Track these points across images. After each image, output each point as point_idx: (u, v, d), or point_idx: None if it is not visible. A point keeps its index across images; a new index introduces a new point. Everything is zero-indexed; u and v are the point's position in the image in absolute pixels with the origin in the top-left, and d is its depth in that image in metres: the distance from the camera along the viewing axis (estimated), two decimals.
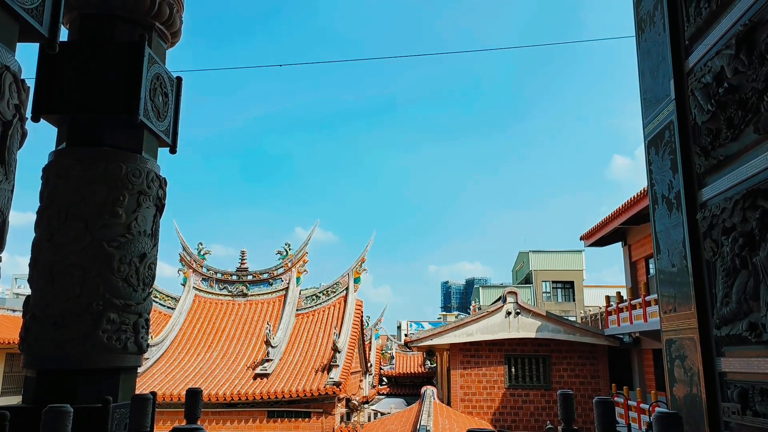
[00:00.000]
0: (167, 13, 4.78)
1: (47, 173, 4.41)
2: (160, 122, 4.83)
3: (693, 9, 3.94)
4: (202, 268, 26.89)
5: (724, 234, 3.56)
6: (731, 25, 3.48)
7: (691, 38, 3.99)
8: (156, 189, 4.69)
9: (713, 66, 3.67)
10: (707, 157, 3.77)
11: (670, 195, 4.21)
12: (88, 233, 4.28)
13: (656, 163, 4.47)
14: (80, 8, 4.66)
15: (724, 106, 3.56)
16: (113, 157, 4.44)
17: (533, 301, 46.00)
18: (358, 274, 26.62)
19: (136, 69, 4.47)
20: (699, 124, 3.85)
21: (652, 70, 4.54)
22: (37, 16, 3.30)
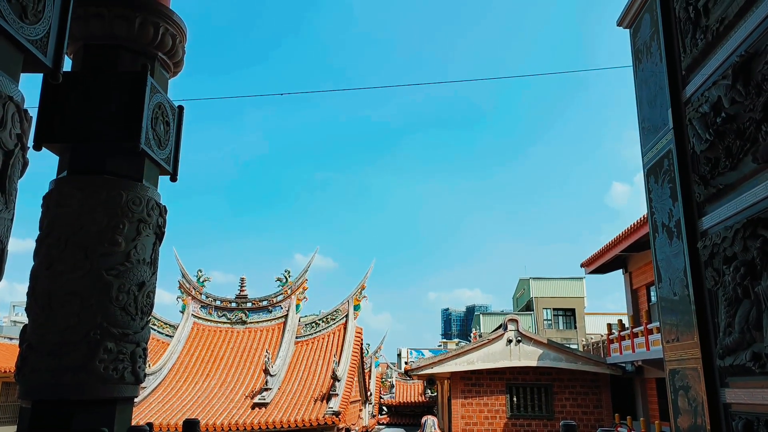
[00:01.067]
0: (170, 44, 4.84)
1: (47, 201, 4.41)
2: (162, 150, 4.85)
3: (689, 40, 3.99)
4: (201, 296, 26.75)
5: (725, 263, 3.54)
6: (727, 56, 3.52)
7: (687, 68, 4.04)
8: (156, 217, 4.69)
9: (710, 96, 3.70)
10: (706, 185, 3.78)
11: (670, 223, 4.21)
12: (87, 261, 4.26)
13: (656, 192, 4.48)
14: (84, 39, 4.72)
15: (722, 135, 3.58)
16: (114, 185, 4.45)
17: (534, 329, 45.66)
18: (358, 301, 26.46)
19: (139, 98, 4.51)
20: (698, 152, 3.87)
21: (650, 100, 4.58)
22: (42, 47, 3.34)
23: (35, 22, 3.27)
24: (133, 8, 4.62)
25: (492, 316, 56.87)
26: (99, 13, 4.61)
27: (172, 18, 4.84)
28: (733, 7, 3.44)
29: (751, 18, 3.27)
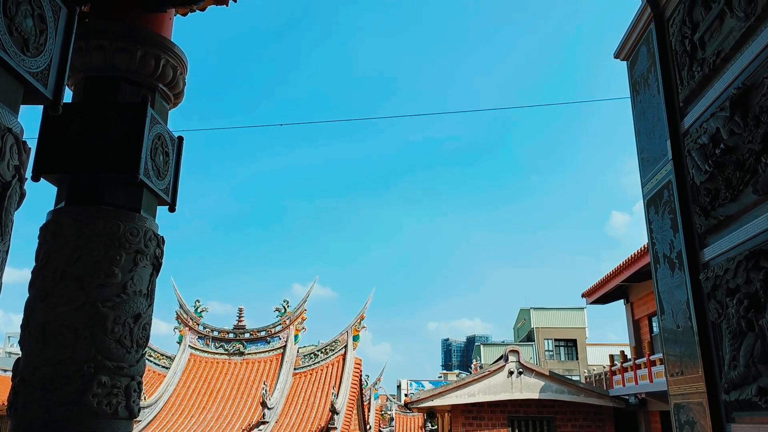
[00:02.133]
0: (171, 75, 4.88)
1: (44, 232, 4.39)
2: (160, 181, 4.85)
3: (686, 72, 4.02)
4: (199, 326, 26.52)
5: (728, 295, 3.51)
6: (725, 88, 3.54)
7: (685, 100, 4.06)
8: (153, 248, 4.66)
9: (709, 127, 3.71)
10: (707, 216, 3.76)
11: (671, 254, 4.18)
12: (82, 293, 4.21)
13: (656, 222, 4.46)
14: (85, 71, 4.76)
15: (721, 166, 3.58)
16: (112, 215, 4.43)
17: (536, 360, 45.18)
18: (357, 331, 26.22)
19: (138, 129, 4.53)
20: (697, 184, 3.86)
21: (648, 131, 4.60)
22: (42, 79, 3.35)
23: (37, 54, 3.29)
24: (135, 41, 4.67)
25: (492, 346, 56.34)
26: (101, 46, 4.65)
27: (173, 50, 4.88)
28: (729, 40, 3.47)
29: (748, 51, 3.30)
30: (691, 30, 3.95)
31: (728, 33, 3.49)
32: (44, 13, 3.36)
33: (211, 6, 6.19)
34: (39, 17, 3.32)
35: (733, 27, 3.43)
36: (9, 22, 3.06)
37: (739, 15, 3.34)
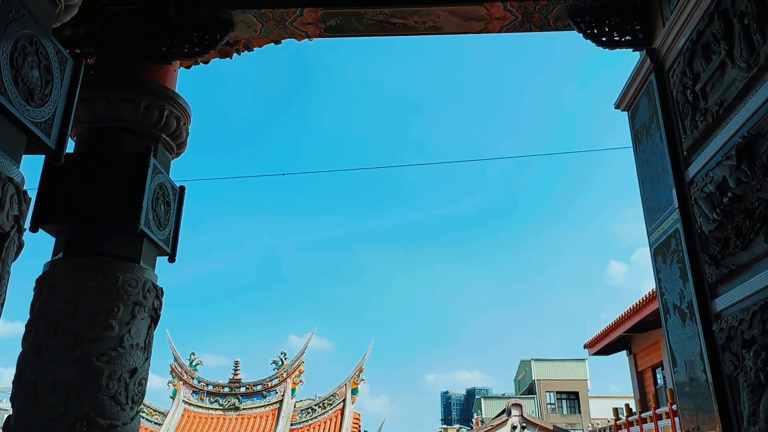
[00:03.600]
0: (174, 126, 4.89)
1: (40, 284, 4.29)
2: (161, 231, 4.79)
3: (689, 122, 4.04)
4: (193, 380, 25.90)
5: (744, 347, 3.40)
6: (729, 136, 3.54)
7: (689, 149, 4.06)
8: (152, 300, 4.55)
9: (715, 176, 3.69)
10: (718, 266, 3.70)
11: (682, 305, 4.09)
12: (77, 347, 4.08)
13: (664, 272, 4.39)
14: (89, 122, 4.76)
15: (730, 215, 3.54)
16: (110, 266, 4.34)
17: (537, 413, 44.10)
18: (356, 384, 25.62)
19: (140, 179, 4.50)
20: (706, 232, 3.82)
21: (653, 180, 4.59)
22: (46, 129, 3.33)
23: (41, 105, 3.29)
24: (140, 92, 4.69)
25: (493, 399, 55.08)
26: (105, 97, 4.67)
27: (177, 101, 4.91)
28: (732, 90, 3.49)
29: (752, 100, 3.31)
30: (692, 81, 3.99)
31: (730, 83, 3.52)
32: (50, 64, 3.38)
33: (214, 59, 6.29)
34: (45, 68, 3.34)
35: (735, 77, 3.45)
36: (15, 73, 3.07)
37: (741, 66, 3.37)
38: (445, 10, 4.92)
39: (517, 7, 4.91)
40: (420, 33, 5.24)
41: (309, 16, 4.99)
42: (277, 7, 4.93)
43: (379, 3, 4.88)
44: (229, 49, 6.07)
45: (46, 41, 3.36)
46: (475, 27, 5.16)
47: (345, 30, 5.15)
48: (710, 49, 3.76)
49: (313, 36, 5.29)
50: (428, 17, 5.01)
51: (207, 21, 5.06)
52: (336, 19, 5.03)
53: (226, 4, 5.00)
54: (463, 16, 4.99)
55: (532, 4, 4.90)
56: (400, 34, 5.23)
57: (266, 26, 5.14)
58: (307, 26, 5.10)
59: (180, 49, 5.08)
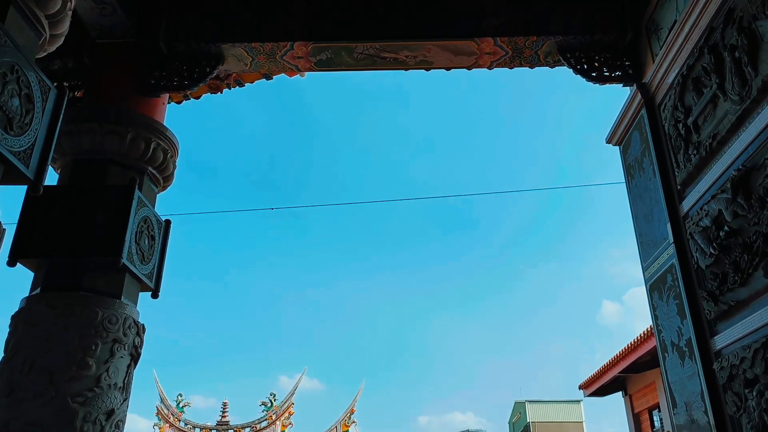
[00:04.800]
0: (161, 158, 4.81)
1: (15, 321, 4.12)
2: (144, 266, 4.65)
3: (682, 156, 4.00)
4: (180, 422, 25.19)
5: (746, 386, 3.28)
6: (724, 170, 3.49)
7: (683, 183, 4.01)
8: (132, 337, 4.38)
9: (710, 210, 3.62)
10: (716, 302, 3.60)
11: (680, 342, 3.97)
12: (51, 387, 3.89)
13: (661, 308, 4.28)
14: (74, 154, 4.67)
15: (727, 249, 3.46)
16: (89, 302, 4.19)
17: None
18: (347, 426, 25.00)
19: (124, 212, 4.39)
20: (702, 268, 3.73)
21: (646, 214, 4.52)
22: (24, 159, 3.24)
23: (20, 134, 3.20)
24: (126, 124, 4.63)
25: None
26: (91, 129, 4.60)
27: (164, 134, 4.84)
28: (724, 123, 3.46)
29: (746, 133, 3.27)
30: (684, 114, 3.96)
31: (723, 116, 3.49)
32: (32, 93, 3.31)
33: (205, 94, 6.27)
34: (26, 97, 3.26)
35: (728, 110, 3.42)
36: None
37: (733, 98, 3.35)
38: (435, 44, 4.93)
39: (507, 43, 4.93)
40: (410, 67, 5.24)
41: (299, 50, 4.98)
42: (267, 41, 4.92)
43: (370, 37, 4.89)
44: (220, 83, 6.05)
45: (28, 70, 3.30)
46: (466, 62, 5.17)
47: (335, 64, 5.14)
48: (701, 83, 3.74)
49: (304, 70, 5.27)
50: (419, 52, 5.01)
51: (197, 54, 5.03)
52: (326, 53, 5.02)
53: (217, 37, 4.99)
54: (453, 51, 5.00)
55: (522, 40, 4.92)
56: (390, 69, 5.23)
57: (256, 60, 5.12)
58: (297, 60, 5.09)
59: (169, 82, 5.04)
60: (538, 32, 4.88)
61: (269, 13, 4.98)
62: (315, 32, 4.92)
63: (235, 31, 4.98)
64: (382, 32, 4.91)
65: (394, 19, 4.91)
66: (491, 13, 4.89)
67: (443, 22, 4.89)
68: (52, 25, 3.62)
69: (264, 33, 4.95)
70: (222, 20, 5.03)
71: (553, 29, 4.88)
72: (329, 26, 4.94)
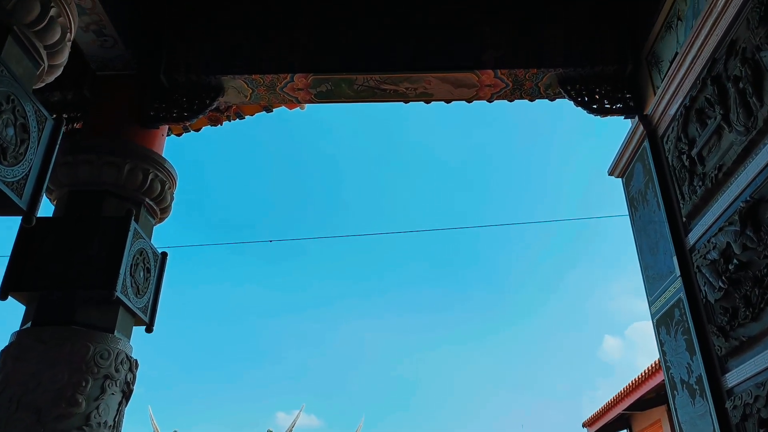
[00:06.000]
0: (158, 190, 4.76)
1: (5, 356, 4.00)
2: (139, 299, 4.55)
3: (687, 187, 3.94)
4: None
5: (761, 426, 3.14)
6: (731, 201, 3.42)
7: (688, 215, 3.94)
8: (125, 373, 4.25)
9: (718, 242, 3.54)
10: (727, 338, 3.49)
11: (690, 380, 3.84)
12: (39, 425, 3.75)
13: (669, 344, 4.16)
14: (70, 185, 4.62)
15: (737, 283, 3.37)
16: (81, 336, 4.08)
17: None
18: None
19: (119, 244, 4.31)
20: (712, 302, 3.63)
21: (651, 247, 4.44)
22: (18, 189, 3.18)
23: (14, 164, 3.15)
24: (124, 155, 4.59)
25: None
26: (88, 160, 4.55)
27: (163, 165, 4.80)
28: (730, 154, 3.41)
29: (752, 164, 3.21)
30: (687, 146, 3.92)
31: (728, 147, 3.43)
32: (27, 123, 3.27)
33: (205, 126, 6.26)
34: (21, 127, 3.22)
35: (733, 141, 3.37)
36: None
37: (738, 129, 3.30)
38: (435, 76, 4.93)
39: (507, 75, 4.93)
40: (411, 99, 5.23)
41: (299, 82, 4.97)
42: (267, 73, 4.92)
43: (370, 69, 4.89)
44: (220, 115, 6.05)
45: (24, 100, 3.27)
46: (466, 94, 5.16)
47: (336, 96, 5.13)
48: (705, 114, 3.71)
49: (304, 102, 5.26)
50: (419, 84, 5.01)
51: (197, 86, 5.03)
52: (326, 85, 5.02)
53: (217, 69, 4.99)
54: (453, 83, 4.99)
55: (523, 72, 4.92)
56: (390, 101, 5.21)
57: (257, 92, 5.11)
58: (297, 92, 5.08)
59: (168, 114, 5.02)
60: (538, 64, 4.88)
61: (270, 46, 4.99)
62: (315, 64, 4.93)
63: (236, 63, 4.98)
64: (383, 64, 4.91)
65: (395, 52, 4.92)
66: (491, 45, 4.91)
67: (443, 54, 4.90)
68: (51, 56, 3.60)
69: (264, 65, 4.95)
70: (222, 52, 5.04)
71: (554, 61, 4.88)
72: (329, 58, 4.95)
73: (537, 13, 5.03)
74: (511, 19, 5.02)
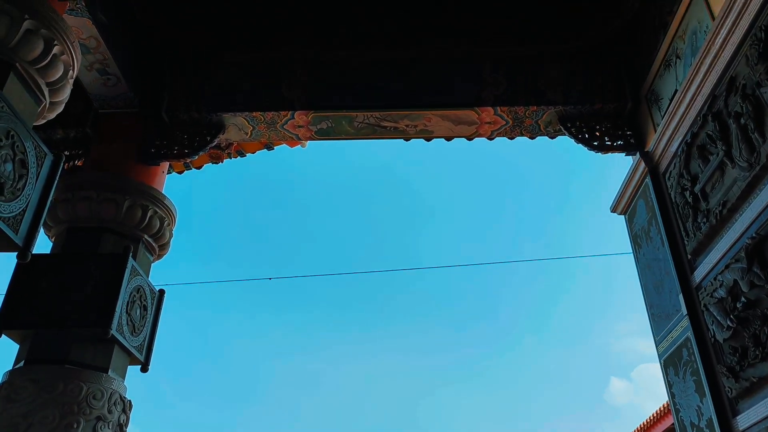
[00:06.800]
0: (157, 226, 4.72)
1: None
2: (134, 337, 4.46)
3: (691, 224, 3.89)
4: None
5: None
6: (737, 238, 3.37)
7: (693, 252, 3.88)
8: (118, 414, 4.14)
9: (725, 280, 3.48)
10: (737, 378, 3.38)
11: (700, 423, 3.72)
12: None
13: (677, 386, 4.05)
14: (69, 222, 4.59)
15: (745, 321, 3.29)
16: (74, 376, 3.98)
17: None
18: None
19: (116, 281, 4.25)
20: (720, 341, 3.54)
21: (657, 285, 4.36)
22: (14, 225, 3.15)
23: (11, 199, 3.12)
24: (123, 191, 4.57)
25: None
26: (87, 197, 4.54)
27: (162, 201, 4.78)
28: (734, 190, 3.37)
29: (757, 200, 3.17)
30: (690, 182, 3.89)
31: (732, 183, 3.40)
32: (26, 158, 3.25)
33: (206, 164, 6.27)
34: (20, 162, 3.21)
35: (737, 177, 3.34)
36: None
37: (741, 165, 3.27)
38: (436, 114, 4.95)
39: (507, 112, 4.94)
40: (411, 137, 5.24)
41: (300, 119, 4.99)
42: (268, 110, 4.94)
43: (371, 106, 4.91)
44: (221, 152, 6.06)
45: (24, 135, 3.26)
46: (466, 131, 5.17)
47: (336, 133, 5.15)
48: (707, 150, 3.69)
49: (305, 139, 5.27)
50: (419, 121, 5.02)
51: (198, 123, 5.05)
52: (327, 122, 5.04)
53: (218, 107, 5.02)
54: (454, 120, 5.01)
55: (522, 110, 4.94)
56: (391, 138, 5.23)
57: (257, 129, 5.13)
58: (298, 129, 5.10)
59: (169, 151, 5.03)
60: (538, 102, 4.90)
61: (270, 83, 5.03)
62: (316, 101, 4.96)
63: (237, 100, 5.02)
64: (383, 101, 4.94)
65: (395, 89, 4.95)
66: (491, 83, 4.94)
67: (443, 91, 4.93)
68: (53, 93, 3.62)
69: (265, 102, 4.98)
70: (224, 90, 5.08)
71: (553, 99, 4.90)
72: (330, 95, 4.98)
73: (536, 51, 5.08)
74: (511, 56, 5.07)
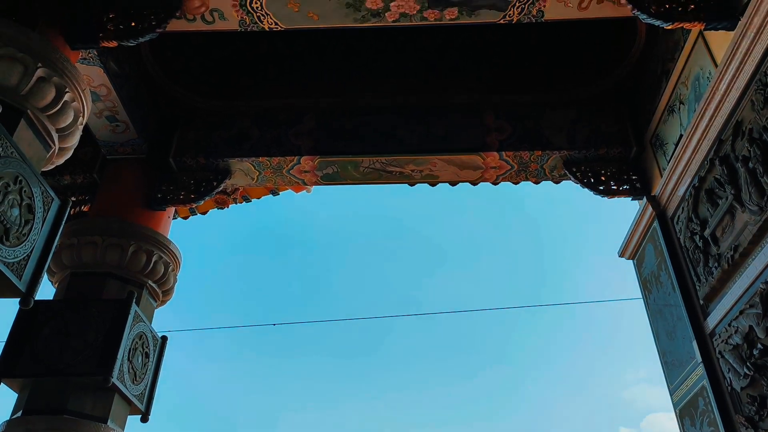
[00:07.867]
0: (162, 272, 4.68)
1: None
2: (135, 385, 4.36)
3: (702, 269, 3.83)
4: None
5: None
6: (750, 283, 3.31)
7: (705, 298, 3.81)
8: None
9: (740, 326, 3.40)
10: (756, 429, 3.27)
11: None
12: None
13: None
14: (72, 267, 4.56)
15: (763, 369, 3.20)
16: (72, 427, 3.88)
17: None
18: None
19: (118, 328, 4.18)
20: (737, 390, 3.43)
21: (669, 331, 4.28)
22: (18, 270, 3.11)
23: (17, 244, 3.10)
24: (128, 237, 4.55)
25: None
26: (93, 242, 4.52)
27: (168, 246, 4.75)
28: (745, 235, 3.33)
29: None
30: (699, 226, 3.85)
31: (743, 227, 3.36)
32: (33, 203, 3.25)
33: (212, 209, 6.27)
34: (27, 207, 3.20)
35: (748, 221, 3.31)
36: None
37: (752, 209, 3.25)
38: (441, 159, 4.97)
39: (512, 157, 4.96)
40: (416, 181, 5.25)
41: (306, 164, 5.02)
42: (274, 156, 4.98)
43: (376, 151, 4.94)
44: (227, 198, 6.07)
45: (32, 181, 3.26)
46: (472, 176, 5.18)
47: (341, 178, 5.16)
48: (715, 194, 3.67)
49: (310, 184, 5.29)
50: (424, 166, 5.04)
51: (204, 168, 5.08)
52: (333, 167, 5.06)
53: (225, 153, 5.06)
54: (459, 165, 5.03)
55: (527, 155, 4.95)
56: (396, 182, 5.24)
57: (263, 174, 5.15)
58: (304, 174, 5.12)
59: (176, 196, 5.04)
60: (542, 147, 4.93)
61: (277, 129, 5.09)
62: (322, 146, 5.00)
63: (243, 146, 5.06)
64: (388, 147, 4.97)
65: (400, 134, 4.99)
66: (496, 128, 4.98)
67: (448, 136, 4.97)
68: (62, 138, 3.65)
69: (272, 148, 5.02)
70: (230, 136, 5.13)
71: (558, 144, 4.93)
72: (336, 141, 5.02)
73: (541, 97, 5.13)
74: (516, 102, 5.13)
